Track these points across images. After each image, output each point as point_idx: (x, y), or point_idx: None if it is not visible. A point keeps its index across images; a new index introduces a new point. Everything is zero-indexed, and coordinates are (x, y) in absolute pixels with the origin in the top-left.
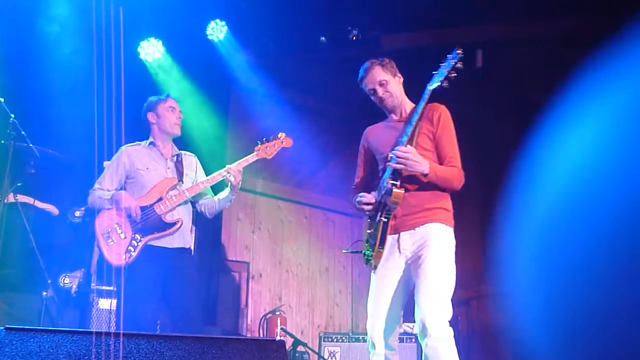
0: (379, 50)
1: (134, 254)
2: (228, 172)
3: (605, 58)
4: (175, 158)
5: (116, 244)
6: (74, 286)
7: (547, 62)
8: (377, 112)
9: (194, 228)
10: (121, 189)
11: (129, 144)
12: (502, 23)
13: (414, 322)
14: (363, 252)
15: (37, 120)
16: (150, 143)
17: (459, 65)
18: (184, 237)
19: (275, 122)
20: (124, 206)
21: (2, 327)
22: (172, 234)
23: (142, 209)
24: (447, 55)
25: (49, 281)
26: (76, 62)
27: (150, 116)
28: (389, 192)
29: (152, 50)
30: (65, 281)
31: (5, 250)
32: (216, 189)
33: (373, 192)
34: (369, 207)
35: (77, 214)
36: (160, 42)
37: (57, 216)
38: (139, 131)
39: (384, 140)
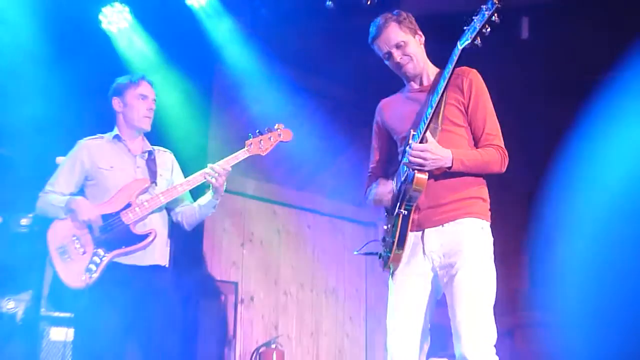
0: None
1: (95, 274)
2: (212, 171)
3: None
4: (146, 155)
5: (74, 261)
6: (20, 312)
7: (609, 32)
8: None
9: (169, 241)
10: (79, 192)
11: (88, 137)
12: None
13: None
14: (379, 253)
15: None
16: (115, 136)
17: (494, 18)
18: (159, 252)
19: (271, 108)
20: (82, 219)
21: None
22: (144, 248)
23: (106, 217)
24: (481, 6)
25: None
26: (20, 36)
27: (116, 102)
28: (410, 179)
29: (116, 19)
30: (9, 306)
31: None
32: (195, 193)
33: (391, 180)
34: (389, 198)
35: (24, 222)
36: (127, 8)
37: None
38: (103, 121)
39: (403, 116)
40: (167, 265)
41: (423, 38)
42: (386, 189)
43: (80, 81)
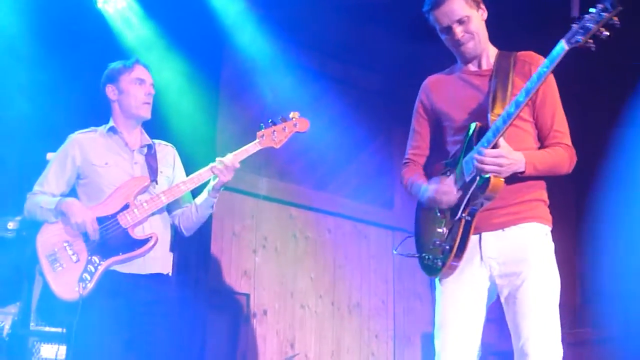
0: None
1: (90, 284)
2: (221, 165)
3: None
4: (145, 149)
5: (66, 270)
6: (7, 326)
7: None
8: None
9: (172, 247)
10: (71, 192)
11: (81, 131)
12: None
13: None
14: (426, 256)
15: None
16: (110, 129)
17: (615, 21)
18: (160, 259)
19: (286, 98)
20: (75, 222)
21: None
22: (144, 254)
23: (101, 220)
24: (597, 5)
25: None
26: (5, 18)
27: (110, 90)
28: (483, 183)
29: None
30: None
31: None
32: (197, 194)
33: (443, 176)
34: (449, 199)
35: (10, 225)
36: None
37: None
38: (98, 112)
39: (459, 101)
40: (170, 274)
41: (486, 13)
42: (446, 188)
43: (73, 69)
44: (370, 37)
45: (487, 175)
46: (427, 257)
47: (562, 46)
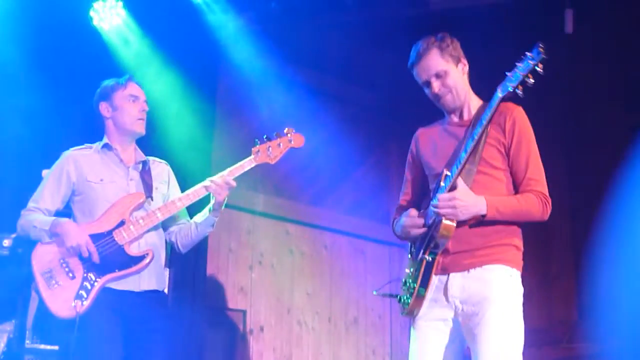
0: (427, 10)
1: (86, 301)
2: (212, 184)
3: None
4: (140, 166)
5: (62, 287)
6: (2, 344)
7: None
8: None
9: (167, 263)
10: (66, 208)
11: (75, 148)
12: None
13: None
14: (399, 297)
15: None
16: (105, 145)
17: (539, 68)
18: (156, 276)
19: (282, 114)
20: (70, 245)
21: None
22: (139, 271)
23: (97, 238)
24: (526, 54)
25: None
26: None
27: (104, 107)
28: (437, 225)
29: (109, 15)
30: None
31: None
32: (194, 210)
33: (419, 214)
34: (419, 232)
35: (6, 243)
36: (120, 4)
37: None
38: (93, 128)
39: (438, 151)
40: (165, 291)
41: (467, 66)
42: (413, 222)
43: (68, 87)
44: (366, 55)
45: (439, 218)
46: (401, 297)
47: (497, 94)
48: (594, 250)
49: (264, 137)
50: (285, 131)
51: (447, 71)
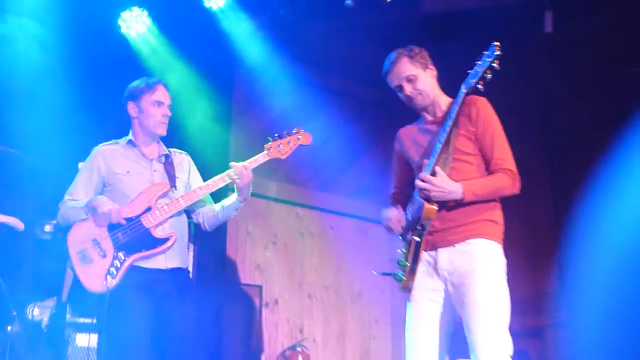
0: (419, 15)
1: (116, 278)
2: (233, 172)
3: None
4: (163, 158)
5: (94, 265)
6: (45, 319)
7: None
8: None
9: (191, 245)
10: None
11: (104, 143)
12: None
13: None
14: (396, 274)
15: None
16: (129, 141)
17: (495, 64)
18: (180, 255)
19: (292, 109)
20: (102, 211)
21: None
22: (164, 251)
23: (127, 220)
24: (484, 52)
25: (15, 313)
26: (44, 44)
27: (131, 107)
28: (421, 208)
29: (135, 23)
30: (35, 313)
31: None
32: (217, 197)
33: (400, 208)
34: (396, 225)
35: (47, 228)
36: (145, 13)
37: (23, 232)
38: (122, 124)
39: (418, 146)
40: (189, 269)
41: (435, 72)
42: (393, 214)
43: (100, 86)
44: (365, 55)
45: (422, 203)
46: (397, 274)
47: (462, 90)
48: (574, 227)
49: (275, 135)
50: (294, 130)
51: (416, 75)
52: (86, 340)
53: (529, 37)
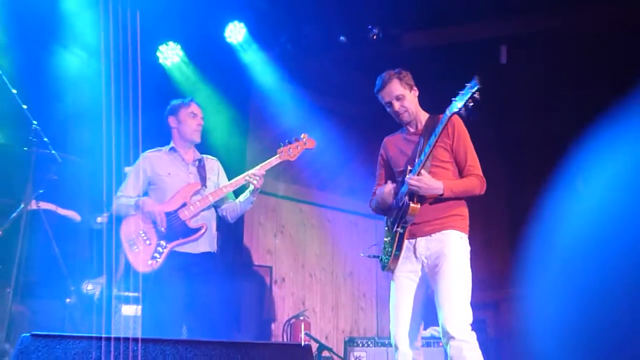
0: (400, 49)
1: (159, 261)
2: (251, 177)
3: None
4: (197, 163)
5: (142, 251)
6: (97, 292)
7: (583, 56)
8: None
9: (217, 234)
10: (144, 195)
11: (150, 150)
12: (529, 15)
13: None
14: (380, 257)
15: (57, 127)
16: (171, 148)
17: (476, 95)
18: (209, 242)
19: (296, 124)
20: (147, 211)
21: (29, 334)
22: (197, 239)
23: (166, 214)
24: (466, 84)
25: (72, 288)
26: (96, 68)
27: (172, 120)
28: (406, 207)
29: (171, 54)
30: (88, 287)
31: (28, 257)
32: (236, 192)
33: (392, 185)
34: (389, 197)
35: (99, 220)
36: (179, 46)
37: (79, 222)
38: (160, 136)
39: (401, 154)
40: (215, 252)
41: (417, 92)
42: (388, 189)
43: (144, 105)
44: (355, 79)
45: (408, 202)
46: (381, 257)
47: (447, 114)
48: (524, 221)
49: (286, 141)
50: (301, 136)
51: (404, 95)
52: (131, 310)
53: (491, 67)
